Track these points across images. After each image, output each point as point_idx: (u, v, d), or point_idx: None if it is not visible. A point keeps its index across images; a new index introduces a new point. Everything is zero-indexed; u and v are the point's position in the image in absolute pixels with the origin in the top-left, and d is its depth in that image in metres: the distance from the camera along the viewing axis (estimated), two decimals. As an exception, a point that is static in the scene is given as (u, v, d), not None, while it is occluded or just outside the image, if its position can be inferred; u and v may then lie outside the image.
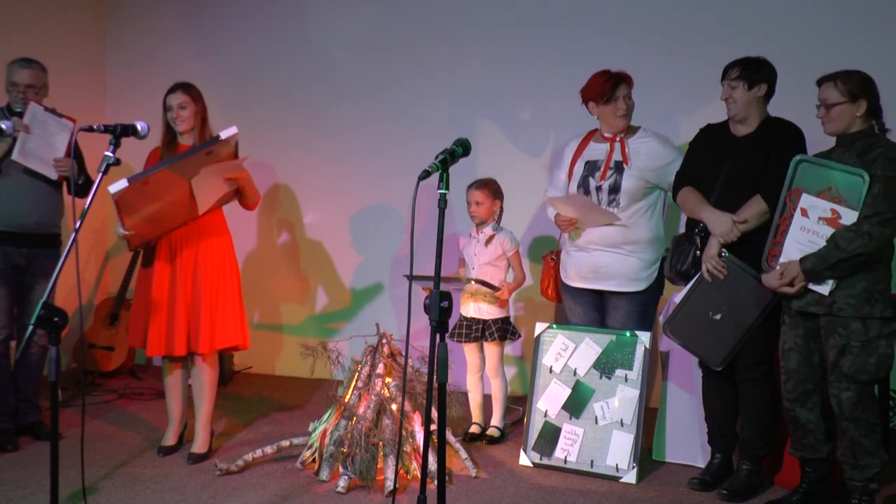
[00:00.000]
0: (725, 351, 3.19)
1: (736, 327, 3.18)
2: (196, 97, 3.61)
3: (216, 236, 3.64)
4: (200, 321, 3.54)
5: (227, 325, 3.60)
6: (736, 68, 3.22)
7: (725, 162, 3.24)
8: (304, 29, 5.47)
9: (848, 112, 2.90)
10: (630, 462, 3.44)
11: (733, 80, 3.21)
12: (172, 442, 3.76)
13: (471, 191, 4.00)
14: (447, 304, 2.19)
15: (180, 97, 3.56)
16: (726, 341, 3.19)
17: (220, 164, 3.41)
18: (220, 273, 3.61)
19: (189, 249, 3.57)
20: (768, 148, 3.17)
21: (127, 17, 5.87)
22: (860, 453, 2.90)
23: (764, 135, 3.22)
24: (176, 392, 3.75)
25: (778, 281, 2.95)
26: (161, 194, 3.32)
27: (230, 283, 3.64)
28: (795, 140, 3.18)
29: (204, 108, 3.63)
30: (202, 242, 3.59)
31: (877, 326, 2.85)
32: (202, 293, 3.55)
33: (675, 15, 4.64)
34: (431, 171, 2.25)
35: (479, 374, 4.09)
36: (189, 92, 3.59)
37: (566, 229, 3.64)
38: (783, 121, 3.26)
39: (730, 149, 3.26)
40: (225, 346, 3.64)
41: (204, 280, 3.56)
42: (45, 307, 2.36)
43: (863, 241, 2.77)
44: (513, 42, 4.99)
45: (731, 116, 3.28)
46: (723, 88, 3.26)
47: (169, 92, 3.59)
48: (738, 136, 3.29)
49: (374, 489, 3.26)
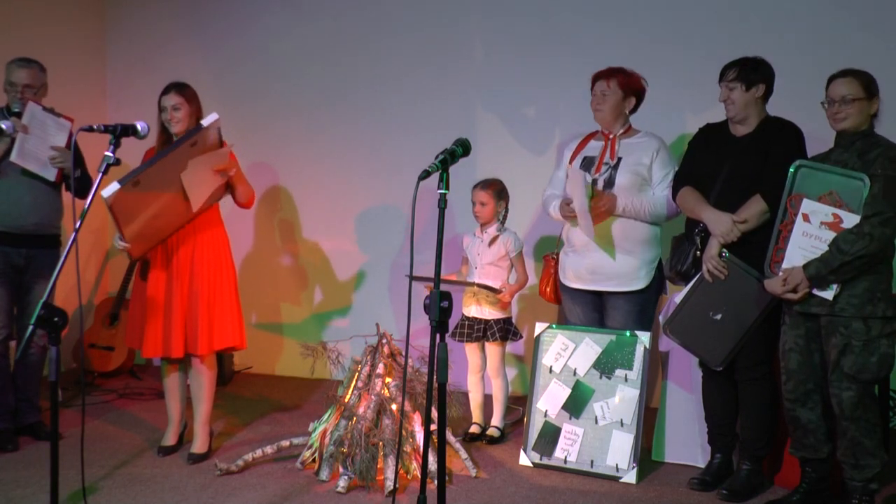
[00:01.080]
0: (726, 351, 3.19)
1: (736, 327, 3.18)
2: (190, 97, 3.56)
3: (212, 235, 3.61)
4: (198, 323, 3.52)
5: (224, 326, 3.58)
6: (733, 69, 3.21)
7: (725, 162, 3.24)
8: (305, 28, 5.47)
9: (865, 109, 2.90)
10: (630, 462, 3.44)
11: (731, 82, 3.20)
12: (172, 442, 3.76)
13: (476, 191, 4.01)
14: (447, 304, 2.19)
15: (174, 98, 3.52)
16: (727, 341, 3.19)
17: (206, 154, 3.36)
18: (217, 273, 3.60)
19: (185, 249, 3.55)
20: (767, 148, 3.17)
21: (127, 16, 5.86)
22: (860, 453, 2.90)
23: (763, 135, 3.22)
24: (175, 393, 3.74)
25: (781, 287, 2.95)
26: (154, 197, 3.28)
27: (227, 282, 3.62)
28: (795, 140, 3.18)
29: (199, 109, 3.59)
30: (198, 242, 3.57)
31: (878, 326, 2.85)
32: (199, 294, 3.54)
33: (685, 11, 4.62)
34: (431, 171, 2.26)
35: (479, 375, 4.09)
36: (183, 92, 3.55)
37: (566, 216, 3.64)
38: (782, 120, 3.26)
39: (729, 149, 3.26)
40: (222, 346, 3.63)
41: (201, 281, 3.55)
42: (45, 307, 2.36)
43: (864, 243, 2.77)
44: (516, 40, 4.98)
45: (730, 118, 3.28)
46: (721, 90, 3.25)
47: (163, 93, 3.55)
48: (737, 136, 3.29)
49: (374, 489, 3.26)
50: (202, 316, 3.53)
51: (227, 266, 3.66)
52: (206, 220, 3.59)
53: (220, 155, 3.43)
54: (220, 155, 3.43)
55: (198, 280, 3.54)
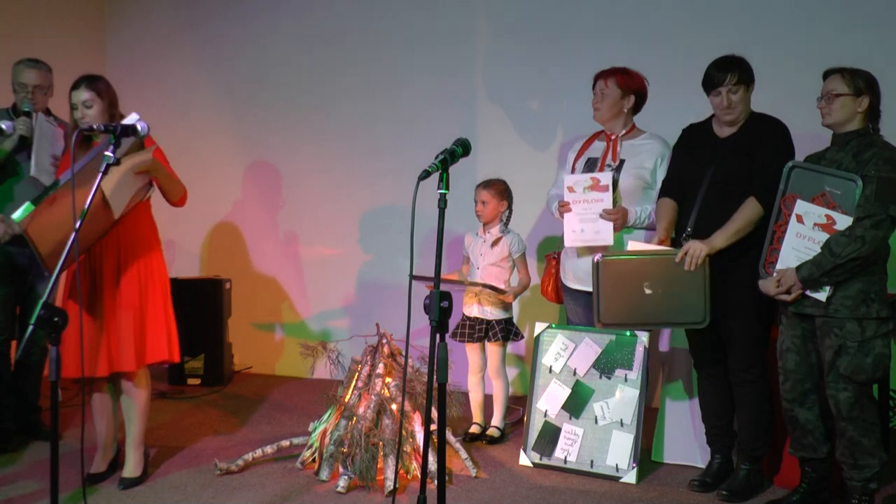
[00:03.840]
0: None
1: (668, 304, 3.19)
2: (103, 91, 3.22)
3: (140, 242, 3.29)
4: (122, 336, 3.19)
5: (156, 339, 3.26)
6: (733, 73, 3.13)
7: (709, 165, 3.21)
8: (305, 27, 5.47)
9: (850, 106, 2.88)
10: (630, 462, 3.44)
11: (734, 86, 3.13)
12: (101, 469, 3.40)
13: (478, 189, 4.01)
14: (447, 304, 2.20)
15: (83, 94, 3.18)
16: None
17: (127, 159, 3.03)
18: (147, 282, 3.27)
19: (109, 257, 3.23)
20: (752, 148, 3.14)
21: (127, 16, 5.87)
22: (859, 453, 2.90)
23: (747, 134, 3.18)
24: (102, 414, 3.39)
25: (775, 288, 2.95)
26: (70, 210, 2.92)
27: (157, 292, 3.29)
28: (780, 136, 3.15)
29: (112, 102, 3.26)
30: (125, 251, 3.25)
31: (873, 327, 2.85)
32: (125, 306, 3.21)
33: (686, 12, 4.62)
34: (431, 171, 2.26)
35: (480, 375, 4.10)
36: (93, 86, 3.20)
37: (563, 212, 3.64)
38: (766, 116, 3.22)
39: (713, 151, 3.22)
40: (154, 360, 3.28)
41: (128, 291, 3.22)
42: (45, 307, 2.36)
43: (856, 246, 2.76)
44: (519, 39, 4.98)
45: (729, 122, 3.22)
46: (718, 98, 3.16)
47: (72, 88, 3.22)
48: (721, 137, 3.25)
49: (374, 489, 3.26)
50: (128, 329, 3.19)
51: (158, 274, 3.32)
52: (133, 226, 3.27)
53: (142, 157, 3.10)
54: (141, 157, 3.10)
55: (124, 291, 3.22)
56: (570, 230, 3.56)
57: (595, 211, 3.49)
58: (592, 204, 3.49)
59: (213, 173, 5.61)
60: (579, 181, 3.53)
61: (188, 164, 5.33)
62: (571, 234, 3.55)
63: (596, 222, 3.50)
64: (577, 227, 3.53)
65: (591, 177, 3.51)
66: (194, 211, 5.59)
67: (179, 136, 5.35)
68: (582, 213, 3.52)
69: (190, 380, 5.15)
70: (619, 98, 3.60)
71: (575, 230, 3.54)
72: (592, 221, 3.50)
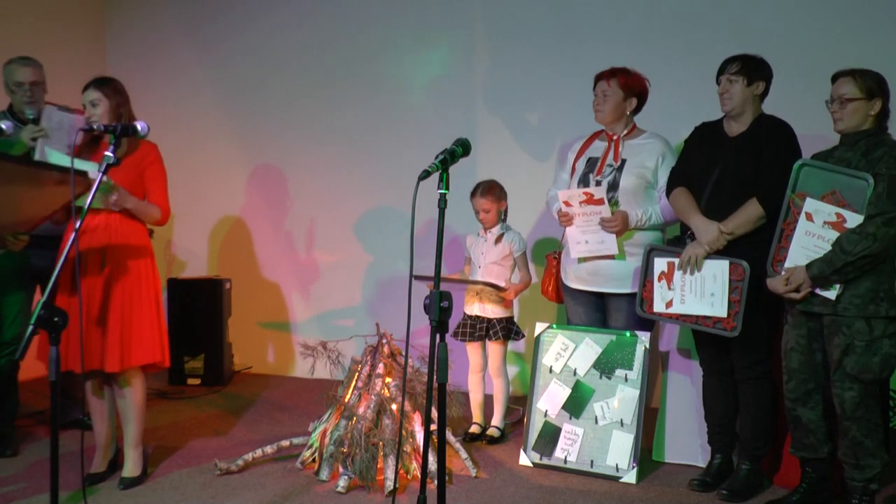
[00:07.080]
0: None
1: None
2: (111, 92, 3.24)
3: (131, 243, 3.26)
4: (107, 336, 3.17)
5: (142, 341, 3.23)
6: (736, 63, 3.19)
7: (717, 162, 3.22)
8: (306, 28, 5.47)
9: (862, 109, 2.88)
10: (630, 462, 3.44)
11: (733, 75, 3.18)
12: (101, 468, 3.40)
13: (476, 199, 4.00)
14: (447, 304, 2.19)
15: (92, 94, 3.23)
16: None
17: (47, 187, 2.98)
18: (136, 283, 3.25)
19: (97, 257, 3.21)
20: (760, 147, 3.15)
21: (127, 16, 5.87)
22: (861, 453, 2.89)
23: (756, 134, 3.20)
24: (99, 414, 3.40)
25: (784, 287, 2.94)
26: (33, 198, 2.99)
27: (146, 293, 3.27)
28: (788, 139, 3.16)
29: (120, 103, 3.26)
30: (113, 251, 3.22)
31: (881, 326, 2.84)
32: (112, 306, 3.19)
33: (687, 16, 4.61)
34: (431, 171, 2.26)
35: (480, 374, 4.09)
36: (102, 87, 3.23)
37: (564, 223, 3.64)
38: (775, 119, 3.23)
39: (722, 149, 3.24)
40: (140, 363, 3.25)
41: (116, 292, 3.20)
42: (45, 307, 2.36)
43: (867, 244, 2.76)
44: (518, 41, 4.98)
45: (726, 112, 3.25)
46: (720, 83, 3.23)
47: (83, 89, 3.26)
48: (731, 135, 3.27)
49: (374, 489, 3.26)
50: (113, 330, 3.17)
51: (147, 278, 3.30)
52: (123, 227, 3.26)
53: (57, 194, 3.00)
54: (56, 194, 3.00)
55: (113, 291, 3.19)
56: (574, 242, 3.61)
57: (596, 222, 3.52)
58: (592, 216, 3.52)
59: (213, 174, 5.61)
60: (573, 196, 3.54)
61: (189, 165, 5.35)
62: (576, 245, 3.60)
63: (598, 233, 3.52)
64: (581, 238, 3.57)
65: (584, 192, 3.51)
66: (195, 211, 5.62)
67: (180, 138, 5.36)
68: (583, 225, 3.55)
69: (190, 380, 5.15)
70: (621, 100, 3.59)
71: (579, 242, 3.58)
72: (595, 233, 3.53)
